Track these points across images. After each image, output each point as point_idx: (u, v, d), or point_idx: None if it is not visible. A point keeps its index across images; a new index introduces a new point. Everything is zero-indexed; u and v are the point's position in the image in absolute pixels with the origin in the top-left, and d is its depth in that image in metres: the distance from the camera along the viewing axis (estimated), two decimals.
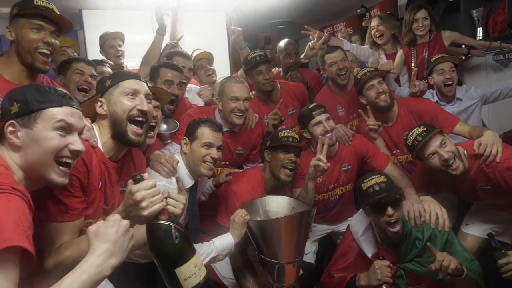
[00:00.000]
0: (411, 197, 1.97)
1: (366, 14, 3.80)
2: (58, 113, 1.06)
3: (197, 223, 1.91)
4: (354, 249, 2.03)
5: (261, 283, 2.01)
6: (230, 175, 2.14)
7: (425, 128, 1.93)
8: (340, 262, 2.06)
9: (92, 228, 0.97)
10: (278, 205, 1.95)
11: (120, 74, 1.44)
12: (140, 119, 1.38)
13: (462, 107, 2.53)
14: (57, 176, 1.06)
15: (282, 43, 3.02)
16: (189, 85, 2.71)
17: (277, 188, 2.09)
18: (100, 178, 1.34)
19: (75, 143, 1.09)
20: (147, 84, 1.49)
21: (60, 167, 1.07)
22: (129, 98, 1.37)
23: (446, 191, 2.19)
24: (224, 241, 1.75)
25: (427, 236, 1.88)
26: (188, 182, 1.84)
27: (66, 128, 1.07)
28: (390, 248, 1.96)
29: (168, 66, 2.18)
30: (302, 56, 3.09)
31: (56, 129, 1.05)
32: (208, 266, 2.07)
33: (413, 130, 1.96)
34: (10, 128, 1.03)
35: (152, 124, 1.74)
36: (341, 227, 2.39)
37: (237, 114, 2.17)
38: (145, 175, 1.11)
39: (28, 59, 1.58)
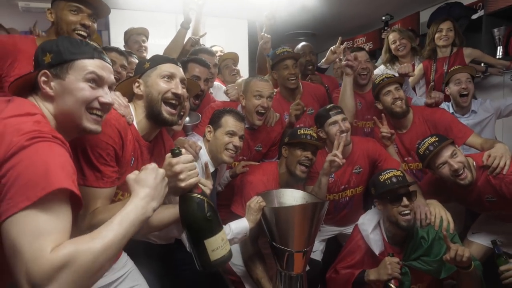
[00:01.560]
0: (419, 200, 2.03)
1: (389, 24, 3.88)
2: (90, 65, 1.09)
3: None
4: (362, 248, 2.10)
5: (270, 274, 2.07)
6: (247, 167, 2.23)
7: (437, 138, 2.00)
8: (347, 260, 2.13)
9: (131, 176, 1.04)
10: (292, 198, 2.02)
11: (159, 58, 1.51)
12: (173, 101, 1.45)
13: (477, 119, 2.59)
14: (90, 123, 1.09)
15: (299, 45, 3.17)
16: (214, 82, 2.82)
17: (291, 184, 2.16)
18: (133, 154, 1.41)
19: (105, 95, 1.12)
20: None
21: (92, 116, 1.10)
22: (165, 81, 1.44)
23: (454, 201, 2.24)
24: (240, 225, 1.82)
25: (432, 236, 1.94)
26: (209, 169, 1.93)
27: (97, 81, 1.10)
28: (396, 247, 2.03)
29: (197, 61, 2.28)
30: (323, 61, 3.20)
31: (87, 80, 1.08)
32: None
33: (425, 140, 2.03)
34: (43, 78, 1.06)
35: (180, 113, 1.85)
36: (348, 229, 2.43)
37: (260, 111, 2.26)
38: (183, 150, 1.19)
39: None
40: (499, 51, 3.28)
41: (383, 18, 3.84)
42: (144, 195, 1.00)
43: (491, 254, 2.02)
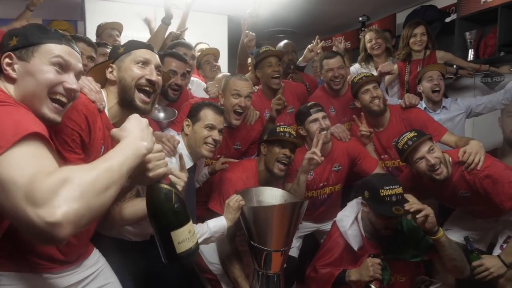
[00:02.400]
0: None
1: (366, 24, 3.94)
2: (56, 49, 1.07)
3: (193, 205, 1.97)
4: (340, 245, 2.10)
5: (246, 272, 2.06)
6: (226, 164, 2.21)
7: (416, 134, 2.04)
8: (326, 257, 2.13)
9: (114, 129, 0.99)
10: (271, 197, 2.02)
11: (134, 43, 1.46)
12: (147, 88, 1.40)
13: (448, 115, 2.68)
14: (49, 111, 1.05)
15: (281, 43, 3.16)
16: (192, 78, 2.77)
17: (270, 181, 2.15)
18: (103, 143, 1.36)
19: (71, 81, 1.09)
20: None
21: (53, 103, 1.06)
22: (139, 67, 1.40)
23: (429, 197, 2.30)
24: (218, 223, 1.80)
25: (406, 227, 1.99)
26: (188, 163, 1.90)
27: (63, 66, 1.07)
28: (374, 241, 2.05)
29: (174, 55, 2.21)
30: (300, 59, 3.20)
31: (52, 64, 1.05)
32: None
33: (405, 135, 2.07)
34: (7, 60, 1.03)
35: (154, 102, 1.79)
36: (326, 226, 2.46)
37: (237, 110, 2.23)
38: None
39: None
40: (470, 54, 3.39)
41: (360, 18, 3.90)
42: (133, 137, 0.95)
43: (464, 250, 2.09)
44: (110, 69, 1.42)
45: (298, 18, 4.75)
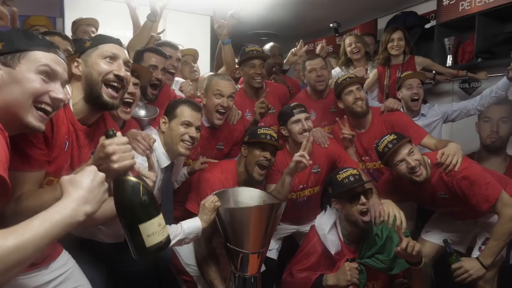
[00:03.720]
0: (373, 199, 2.07)
1: (339, 30, 3.96)
2: (44, 57, 1.04)
3: (170, 204, 1.92)
4: (318, 250, 2.10)
5: (223, 274, 2.02)
6: (205, 164, 2.17)
7: (395, 136, 2.05)
8: (304, 262, 2.12)
9: (65, 177, 0.94)
10: (249, 197, 1.98)
11: (102, 37, 1.41)
12: (115, 84, 1.36)
13: (426, 122, 2.71)
14: (34, 119, 1.02)
15: (267, 46, 3.14)
16: (176, 78, 2.74)
17: (249, 182, 2.12)
18: (67, 138, 1.31)
19: (57, 91, 1.06)
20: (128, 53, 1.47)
21: (38, 111, 1.04)
22: (107, 62, 1.35)
23: (409, 200, 2.32)
24: (192, 225, 1.75)
25: (385, 234, 1.98)
26: (165, 162, 1.85)
27: (50, 75, 1.05)
28: (352, 246, 2.06)
29: (153, 50, 2.17)
30: (284, 62, 3.20)
31: (39, 72, 1.02)
32: (172, 253, 2.08)
33: (385, 138, 2.08)
34: None
35: (129, 100, 1.75)
36: (305, 228, 2.44)
37: (219, 110, 2.20)
38: (118, 133, 1.12)
39: None
40: (449, 60, 3.45)
41: (331, 25, 3.91)
42: (76, 196, 0.89)
43: (444, 253, 2.11)
44: (75, 64, 1.36)
45: (281, 21, 4.76)
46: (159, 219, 1.09)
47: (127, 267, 1.97)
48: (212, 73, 2.98)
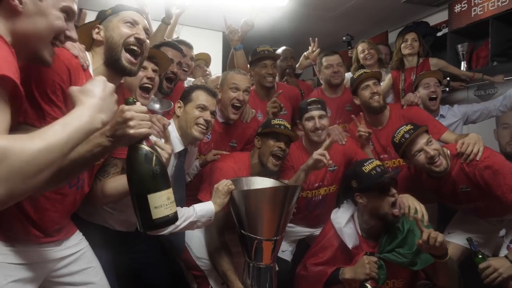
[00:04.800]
0: None
1: (352, 43, 3.99)
2: None
3: (182, 191, 1.87)
4: (334, 244, 2.01)
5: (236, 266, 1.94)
6: (218, 155, 2.13)
7: (412, 127, 2.00)
8: (319, 256, 2.03)
9: (75, 88, 0.94)
10: (263, 186, 1.92)
11: (122, 5, 1.45)
12: (135, 48, 1.37)
13: (445, 123, 2.62)
14: (49, 54, 1.02)
15: (280, 49, 3.17)
16: (189, 78, 2.77)
17: (262, 175, 2.06)
18: None
19: (72, 30, 1.08)
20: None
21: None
22: (127, 26, 1.38)
23: (428, 201, 2.21)
24: (205, 208, 1.71)
25: (407, 227, 1.89)
26: (178, 147, 1.83)
27: (70, 14, 1.06)
28: (371, 241, 1.96)
29: (169, 45, 2.20)
30: (296, 66, 3.21)
31: (62, 10, 1.03)
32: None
33: (401, 128, 2.03)
34: None
35: (148, 86, 1.76)
36: (319, 231, 2.31)
37: (235, 104, 2.19)
38: (138, 102, 1.12)
39: None
40: (463, 66, 3.42)
41: (344, 38, 3.95)
42: (91, 104, 0.90)
43: (469, 254, 1.99)
44: (97, 30, 1.40)
45: (288, 38, 4.82)
46: (168, 192, 1.08)
47: (136, 260, 1.92)
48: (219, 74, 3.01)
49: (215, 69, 4.39)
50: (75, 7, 1.08)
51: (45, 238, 1.31)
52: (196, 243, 1.99)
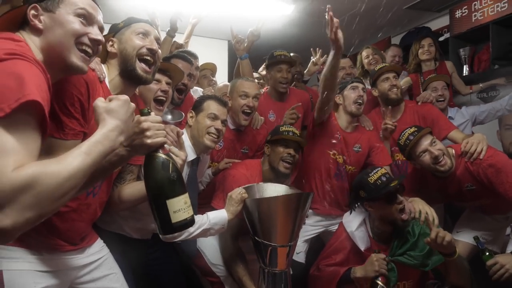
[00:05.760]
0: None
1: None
2: (81, 1, 1.10)
3: (195, 199, 1.91)
4: (347, 246, 2.05)
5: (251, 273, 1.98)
6: (230, 163, 2.18)
7: (416, 129, 2.07)
8: (332, 258, 2.07)
9: (100, 104, 0.98)
10: (275, 193, 1.97)
11: (133, 18, 1.51)
12: (148, 58, 1.42)
13: (455, 124, 2.69)
14: (77, 59, 1.07)
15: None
16: (195, 87, 2.83)
17: (273, 181, 2.11)
18: None
19: (95, 32, 1.12)
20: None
21: (81, 53, 1.09)
22: (140, 38, 1.43)
23: (435, 201, 2.26)
24: (218, 215, 1.75)
25: (418, 231, 1.92)
26: (191, 155, 1.88)
27: (87, 18, 1.10)
28: (382, 244, 2.00)
29: (179, 57, 2.27)
30: (304, 72, 3.28)
31: (77, 15, 1.08)
32: (197, 254, 2.06)
33: (405, 131, 2.09)
34: (33, 12, 1.05)
35: (162, 98, 1.81)
36: (333, 226, 2.39)
37: (245, 111, 2.25)
38: (153, 112, 1.16)
39: None
40: (465, 69, 3.49)
41: None
42: (114, 126, 0.96)
43: (477, 252, 2.03)
44: (111, 43, 1.45)
45: (294, 44, 4.87)
46: (185, 197, 1.12)
47: (153, 267, 1.96)
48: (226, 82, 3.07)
49: (222, 77, 4.46)
50: (92, 11, 1.12)
51: (70, 246, 1.35)
52: (211, 250, 2.03)
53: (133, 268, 1.82)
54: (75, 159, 0.84)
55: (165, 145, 1.15)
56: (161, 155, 1.11)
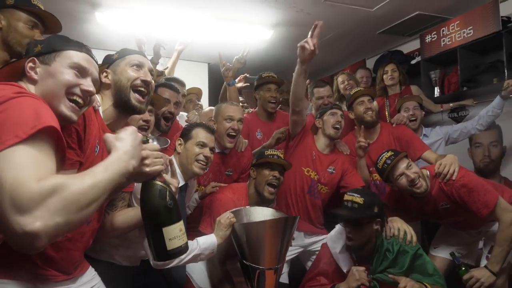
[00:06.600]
0: None
1: None
2: (76, 56, 1.15)
3: (184, 224, 1.94)
4: (330, 268, 2.12)
5: None
6: (216, 187, 2.24)
7: (393, 153, 2.18)
8: (317, 280, 2.12)
9: (110, 134, 1.04)
10: (262, 216, 2.02)
11: (127, 50, 1.55)
12: (142, 89, 1.47)
13: (428, 142, 2.87)
14: (66, 109, 1.10)
15: None
16: (181, 112, 2.88)
17: (260, 205, 2.16)
18: (99, 142, 1.39)
19: (87, 84, 1.16)
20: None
21: (71, 103, 1.12)
22: (134, 69, 1.47)
23: (413, 219, 2.37)
24: (208, 240, 1.78)
25: (396, 248, 2.01)
26: (179, 182, 1.92)
27: (81, 70, 1.15)
28: (363, 263, 2.07)
29: (166, 86, 2.34)
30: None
31: (72, 68, 1.13)
32: (186, 278, 2.08)
33: (382, 155, 2.20)
34: (30, 64, 1.10)
35: (144, 127, 1.87)
36: (313, 246, 2.49)
37: (230, 134, 2.33)
38: (151, 140, 1.20)
39: (17, 49, 1.73)
40: (436, 91, 3.69)
41: None
42: (126, 150, 1.00)
43: (454, 267, 2.15)
44: (105, 74, 1.49)
45: (275, 66, 5.02)
46: (180, 224, 1.15)
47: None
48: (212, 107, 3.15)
49: (202, 99, 4.54)
50: (86, 64, 1.17)
51: (64, 276, 1.35)
52: (199, 274, 2.06)
53: None
54: (94, 173, 0.89)
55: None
56: (158, 183, 1.13)
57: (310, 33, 2.01)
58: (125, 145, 1.01)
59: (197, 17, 3.67)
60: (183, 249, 1.15)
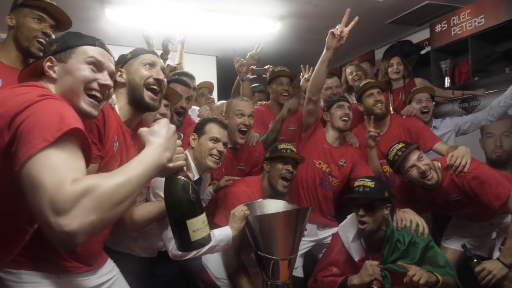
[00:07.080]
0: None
1: None
2: (91, 50, 1.17)
3: None
4: (342, 257, 2.16)
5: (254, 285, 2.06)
6: (230, 181, 2.28)
7: (404, 144, 2.19)
8: (328, 270, 2.17)
9: (144, 129, 1.07)
10: (275, 209, 2.05)
11: (140, 50, 1.60)
12: (155, 87, 1.52)
13: (438, 134, 2.84)
14: (86, 105, 1.13)
15: None
16: (193, 106, 2.94)
17: (272, 197, 2.19)
18: (117, 137, 1.45)
19: (104, 78, 1.18)
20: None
21: (90, 98, 1.15)
22: (147, 68, 1.52)
23: (423, 211, 2.38)
24: (223, 232, 1.83)
25: (408, 240, 2.04)
26: (189, 160, 1.97)
27: (97, 65, 1.17)
28: (374, 253, 2.10)
29: (178, 81, 2.39)
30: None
31: (87, 63, 1.15)
32: (202, 269, 2.13)
33: (394, 147, 2.21)
34: (48, 63, 1.13)
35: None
36: (326, 239, 2.52)
37: (242, 129, 2.36)
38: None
39: (24, 44, 1.77)
40: (447, 81, 3.66)
41: None
42: (159, 144, 1.02)
43: (466, 258, 2.16)
44: (119, 73, 1.53)
45: (283, 59, 5.03)
46: (203, 216, 1.20)
47: (159, 284, 2.03)
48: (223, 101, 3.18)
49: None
50: (101, 58, 1.19)
51: (85, 267, 1.42)
52: (215, 265, 2.12)
53: (141, 286, 1.89)
54: (128, 169, 0.91)
55: None
56: (181, 177, 1.17)
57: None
58: (158, 138, 1.04)
59: (205, 11, 3.68)
60: (206, 240, 1.20)
